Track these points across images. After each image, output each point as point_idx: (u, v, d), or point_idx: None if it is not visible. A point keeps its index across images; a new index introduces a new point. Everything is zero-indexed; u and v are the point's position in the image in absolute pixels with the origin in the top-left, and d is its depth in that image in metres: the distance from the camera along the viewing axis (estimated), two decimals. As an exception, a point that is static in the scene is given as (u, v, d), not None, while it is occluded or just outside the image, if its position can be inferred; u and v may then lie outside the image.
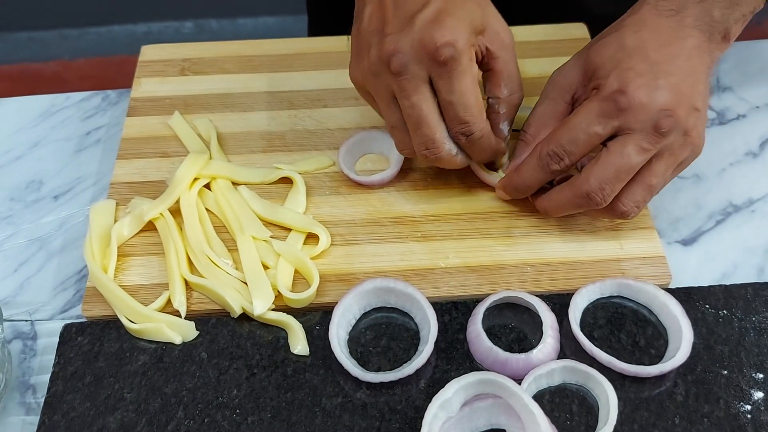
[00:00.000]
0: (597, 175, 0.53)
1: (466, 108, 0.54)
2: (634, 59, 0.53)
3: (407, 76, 0.53)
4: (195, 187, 0.61)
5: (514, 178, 0.58)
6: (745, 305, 0.55)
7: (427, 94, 0.54)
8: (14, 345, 0.57)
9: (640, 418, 0.50)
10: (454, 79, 0.53)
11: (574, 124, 0.54)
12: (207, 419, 0.51)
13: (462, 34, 0.52)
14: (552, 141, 0.55)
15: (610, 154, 0.53)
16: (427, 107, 0.54)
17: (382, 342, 0.54)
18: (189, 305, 0.56)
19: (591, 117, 0.53)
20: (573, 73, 0.57)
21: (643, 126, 0.52)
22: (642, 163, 0.53)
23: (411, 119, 0.54)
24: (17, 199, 0.65)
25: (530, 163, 0.57)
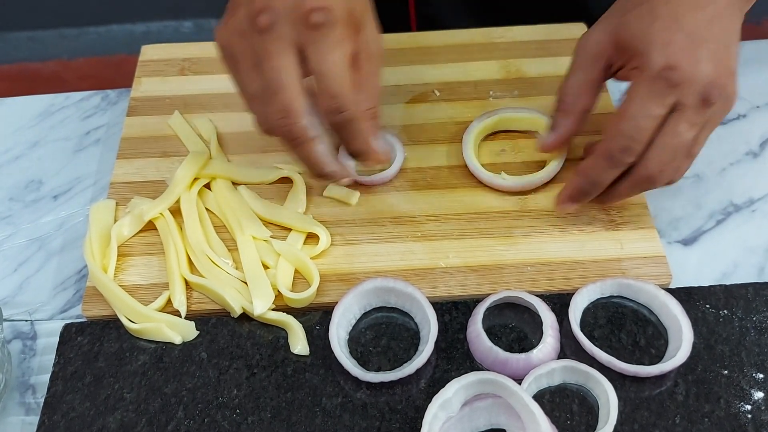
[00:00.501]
0: (655, 159, 0.53)
1: (336, 80, 0.50)
2: (671, 31, 0.52)
3: (274, 36, 0.49)
4: (195, 186, 0.61)
5: (583, 183, 0.56)
6: (746, 305, 0.55)
7: (292, 59, 0.49)
8: (14, 345, 0.57)
9: (640, 418, 0.50)
10: (325, 47, 0.49)
11: (634, 112, 0.52)
12: (207, 419, 0.51)
13: (340, 6, 0.49)
14: (618, 135, 0.53)
15: (665, 136, 0.52)
16: (288, 72, 0.49)
17: (382, 342, 0.54)
18: (189, 305, 0.56)
19: (647, 101, 0.52)
20: (604, 41, 0.56)
21: (694, 100, 0.51)
22: (694, 137, 0.53)
23: (271, 84, 0.50)
24: (17, 199, 0.65)
25: (599, 164, 0.54)
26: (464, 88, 0.69)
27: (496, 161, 0.64)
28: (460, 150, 0.64)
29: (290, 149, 0.53)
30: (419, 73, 0.71)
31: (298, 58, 0.50)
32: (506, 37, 0.73)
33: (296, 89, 0.50)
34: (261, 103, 0.51)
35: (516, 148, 0.65)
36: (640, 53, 0.53)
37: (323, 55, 0.49)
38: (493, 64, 0.71)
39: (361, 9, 0.52)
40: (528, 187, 0.61)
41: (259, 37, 0.49)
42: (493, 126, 0.65)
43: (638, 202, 0.61)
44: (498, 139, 0.66)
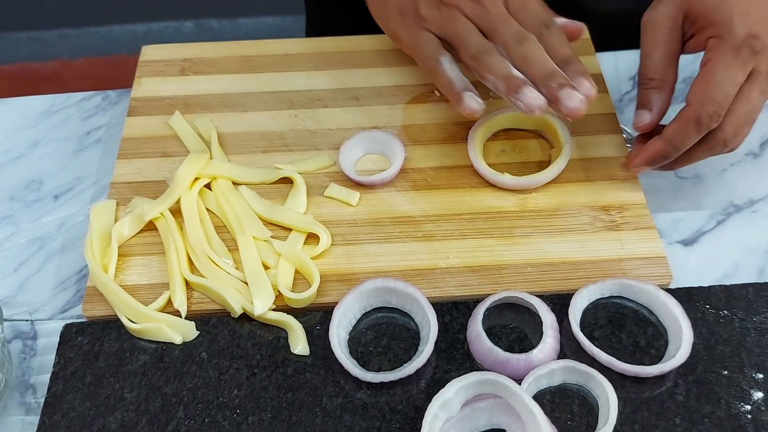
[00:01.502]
0: (732, 123, 0.56)
1: (537, 8, 0.58)
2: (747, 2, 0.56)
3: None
4: (195, 187, 0.61)
5: (667, 147, 0.57)
6: (746, 305, 0.55)
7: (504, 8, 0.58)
8: (14, 345, 0.57)
9: (640, 418, 0.50)
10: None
11: (721, 79, 0.55)
12: (207, 419, 0.51)
13: None
14: (708, 101, 0.55)
15: (740, 101, 0.55)
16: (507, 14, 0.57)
17: (382, 342, 0.54)
18: (189, 305, 0.56)
19: (732, 68, 0.55)
20: (675, 14, 0.58)
21: (766, 67, 0.55)
22: (764, 102, 0.56)
23: (494, 24, 0.57)
24: (17, 199, 0.65)
25: (687, 129, 0.56)
26: (465, 89, 0.69)
27: (497, 161, 0.64)
28: (461, 150, 0.64)
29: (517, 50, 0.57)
30: (420, 73, 0.71)
31: None
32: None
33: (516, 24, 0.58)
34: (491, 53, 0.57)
35: (516, 148, 0.65)
36: (719, 23, 0.56)
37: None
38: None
39: None
40: (532, 186, 0.61)
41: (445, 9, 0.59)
42: (500, 124, 0.65)
43: (638, 203, 0.61)
44: (499, 139, 0.66)
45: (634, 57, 0.73)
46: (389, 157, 0.64)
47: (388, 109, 0.68)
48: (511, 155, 0.65)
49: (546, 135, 0.65)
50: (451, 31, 0.58)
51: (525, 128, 0.66)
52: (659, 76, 0.59)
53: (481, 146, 0.64)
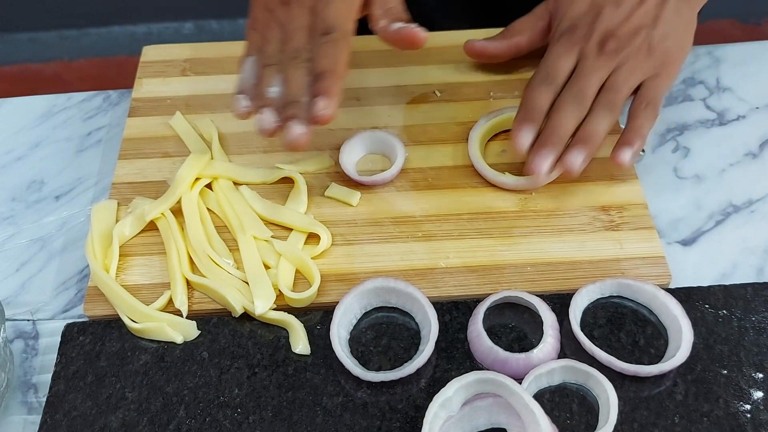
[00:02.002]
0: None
1: (334, 16, 0.55)
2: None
3: (298, 3, 0.56)
4: (196, 187, 0.62)
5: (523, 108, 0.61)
6: (745, 305, 0.55)
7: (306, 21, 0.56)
8: (16, 344, 0.57)
9: (640, 418, 0.51)
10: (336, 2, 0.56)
11: (549, 55, 0.62)
12: (208, 418, 0.51)
13: None
14: (540, 71, 0.61)
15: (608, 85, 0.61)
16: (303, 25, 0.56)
17: (382, 341, 0.54)
18: (190, 305, 0.56)
19: (559, 48, 0.62)
20: (551, 4, 0.66)
21: (592, 50, 0.62)
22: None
23: (287, 28, 0.56)
24: (19, 200, 0.65)
25: (535, 91, 0.60)
26: (465, 89, 0.70)
27: (497, 162, 0.64)
28: (462, 150, 0.64)
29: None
30: (420, 73, 0.71)
31: None
32: (506, 38, 0.73)
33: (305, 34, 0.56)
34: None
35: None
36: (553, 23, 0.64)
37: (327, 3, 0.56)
38: (493, 65, 0.71)
39: None
40: (532, 186, 0.62)
41: (283, 8, 0.57)
42: (501, 125, 0.66)
43: (638, 203, 0.61)
44: (499, 139, 0.66)
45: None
46: (390, 157, 0.65)
47: (388, 109, 0.68)
48: (512, 155, 0.65)
49: None
50: (262, 35, 0.58)
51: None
52: (511, 29, 0.68)
53: (482, 146, 0.64)
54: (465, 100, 0.69)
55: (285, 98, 0.55)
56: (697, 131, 0.67)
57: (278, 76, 0.56)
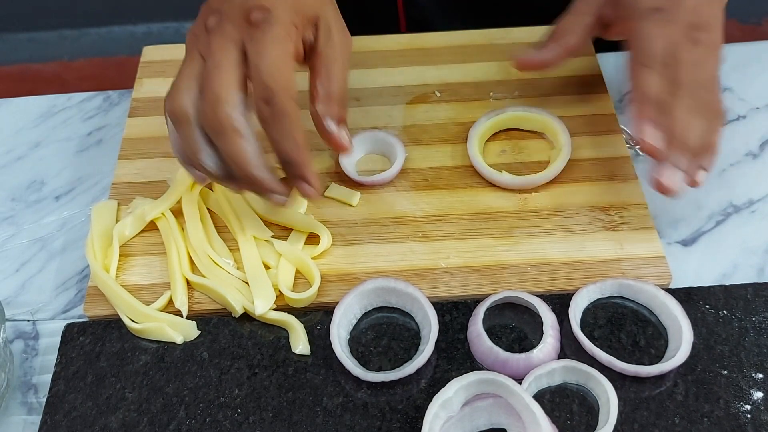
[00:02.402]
0: None
1: (269, 72, 0.50)
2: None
3: (219, 34, 0.51)
4: (196, 187, 0.62)
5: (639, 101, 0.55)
6: (745, 305, 0.55)
7: (234, 55, 0.51)
8: (16, 345, 0.57)
9: (640, 418, 0.51)
10: (264, 43, 0.50)
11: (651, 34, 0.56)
12: (208, 419, 0.51)
13: (282, 7, 0.51)
14: (654, 54, 0.55)
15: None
16: (226, 64, 0.50)
17: (383, 342, 0.54)
18: (190, 305, 0.56)
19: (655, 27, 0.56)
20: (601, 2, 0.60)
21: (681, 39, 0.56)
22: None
23: (207, 72, 0.51)
24: (19, 200, 0.65)
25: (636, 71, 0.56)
26: (465, 89, 0.70)
27: (497, 162, 0.64)
28: (461, 150, 0.64)
29: (217, 143, 0.51)
30: (420, 74, 0.71)
31: (241, 57, 0.51)
32: (506, 38, 0.74)
33: (230, 80, 0.50)
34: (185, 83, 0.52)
35: (516, 148, 0.65)
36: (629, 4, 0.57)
37: (260, 49, 0.50)
38: (493, 65, 0.71)
39: (315, 10, 0.54)
40: (531, 186, 0.62)
41: (206, 37, 0.52)
42: (502, 124, 0.66)
43: (638, 203, 0.61)
44: (499, 139, 0.66)
45: (634, 58, 0.74)
46: (389, 157, 0.65)
47: (388, 110, 0.68)
48: (512, 155, 0.65)
49: (546, 135, 0.66)
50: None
51: (525, 128, 0.66)
52: (561, 32, 0.61)
53: (481, 146, 0.64)
54: (465, 100, 0.69)
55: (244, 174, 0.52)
56: (698, 131, 0.67)
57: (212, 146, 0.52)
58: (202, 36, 0.52)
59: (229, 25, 0.51)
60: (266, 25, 0.51)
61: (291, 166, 0.53)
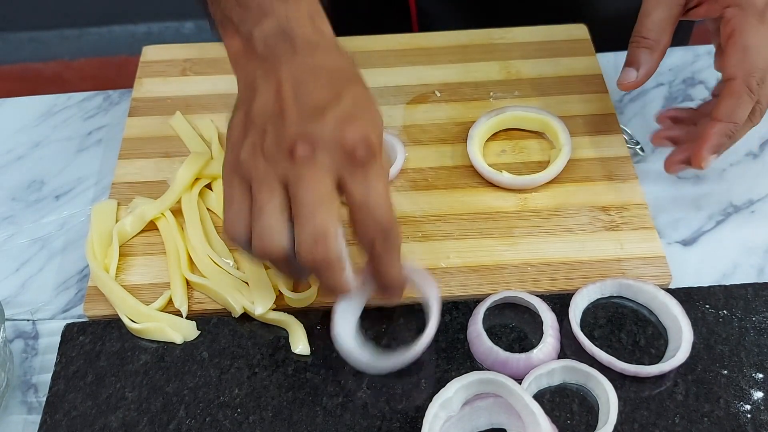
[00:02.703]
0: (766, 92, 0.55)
1: (383, 208, 0.47)
2: None
3: (313, 165, 0.46)
4: (196, 187, 0.62)
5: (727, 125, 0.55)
6: (745, 305, 0.55)
7: (331, 188, 0.47)
8: (16, 344, 0.57)
9: (640, 418, 0.51)
10: (370, 174, 0.47)
11: (756, 45, 0.54)
12: (208, 418, 0.51)
13: (376, 135, 0.48)
14: (753, 69, 0.54)
15: None
16: (328, 198, 0.47)
17: (382, 342, 0.54)
18: (190, 305, 0.56)
19: (763, 32, 0.54)
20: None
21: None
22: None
23: (306, 209, 0.46)
24: (19, 199, 0.65)
25: (741, 100, 0.55)
26: (465, 89, 0.70)
27: (497, 162, 0.64)
28: (461, 150, 0.64)
29: (320, 276, 0.49)
30: (420, 73, 0.71)
31: (335, 189, 0.48)
32: (506, 38, 0.74)
33: (333, 215, 0.47)
34: (276, 218, 0.47)
35: (516, 148, 0.65)
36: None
37: (365, 184, 0.47)
38: (493, 65, 0.71)
39: (381, 123, 0.51)
40: (531, 186, 0.62)
41: (291, 162, 0.47)
42: (502, 124, 0.66)
43: (638, 203, 0.61)
44: (499, 139, 0.66)
45: (634, 57, 0.73)
46: (389, 157, 0.65)
47: (388, 110, 0.68)
48: (512, 155, 0.65)
49: (546, 135, 0.66)
50: (252, 185, 0.48)
51: (525, 128, 0.66)
52: (653, 36, 0.58)
53: (482, 146, 0.64)
54: (465, 100, 0.69)
55: None
56: (698, 131, 0.67)
57: None
58: (280, 162, 0.47)
59: (327, 157, 0.47)
60: (372, 158, 0.47)
61: (394, 289, 0.51)
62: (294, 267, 0.49)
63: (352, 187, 0.47)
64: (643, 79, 0.59)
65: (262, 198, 0.47)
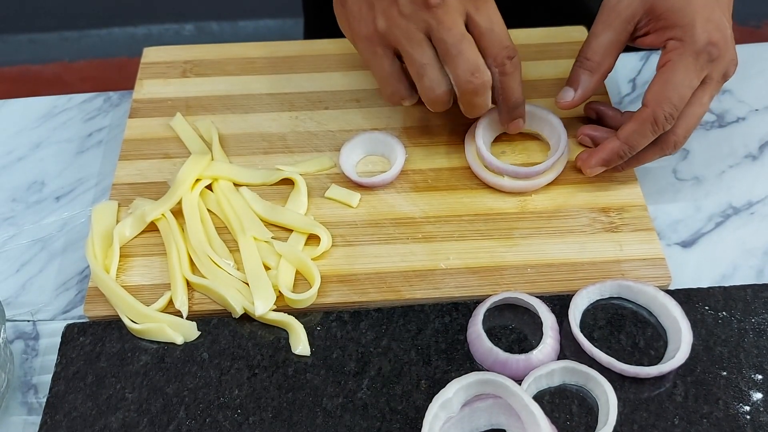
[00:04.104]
0: (684, 126, 0.57)
1: (504, 32, 0.57)
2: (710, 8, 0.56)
3: (446, 8, 0.55)
4: (197, 188, 0.62)
5: (622, 147, 0.58)
6: (744, 307, 0.56)
7: (463, 26, 0.56)
8: (16, 345, 0.57)
9: (639, 419, 0.51)
10: (491, 9, 0.57)
11: (679, 82, 0.56)
12: (208, 419, 0.51)
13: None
14: (666, 103, 0.56)
15: (693, 106, 0.57)
16: (467, 35, 0.56)
17: (382, 342, 0.55)
18: (190, 305, 0.56)
19: (691, 72, 0.56)
20: (636, 5, 0.59)
21: (718, 74, 0.57)
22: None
23: (454, 48, 0.56)
24: (19, 200, 0.65)
25: (644, 129, 0.57)
26: (465, 91, 0.69)
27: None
28: (462, 152, 0.64)
29: (471, 99, 0.58)
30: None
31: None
32: (507, 40, 0.74)
33: (475, 46, 0.56)
34: (435, 69, 0.57)
35: (516, 149, 0.65)
36: (682, 26, 0.56)
37: (490, 16, 0.57)
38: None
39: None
40: (530, 189, 0.62)
41: (429, 12, 0.55)
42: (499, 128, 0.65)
43: (638, 204, 0.61)
44: (499, 140, 0.66)
45: (634, 60, 0.74)
46: (390, 158, 0.65)
47: (388, 111, 0.68)
48: (512, 156, 0.65)
49: (544, 138, 0.66)
50: (402, 47, 0.57)
51: (524, 130, 0.66)
52: (597, 58, 0.60)
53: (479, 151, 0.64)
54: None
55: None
56: (697, 133, 0.67)
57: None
58: (419, 13, 0.55)
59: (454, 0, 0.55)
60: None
61: (516, 108, 0.61)
62: (449, 102, 0.59)
63: (478, 20, 0.56)
64: (578, 101, 0.62)
65: (418, 56, 0.57)
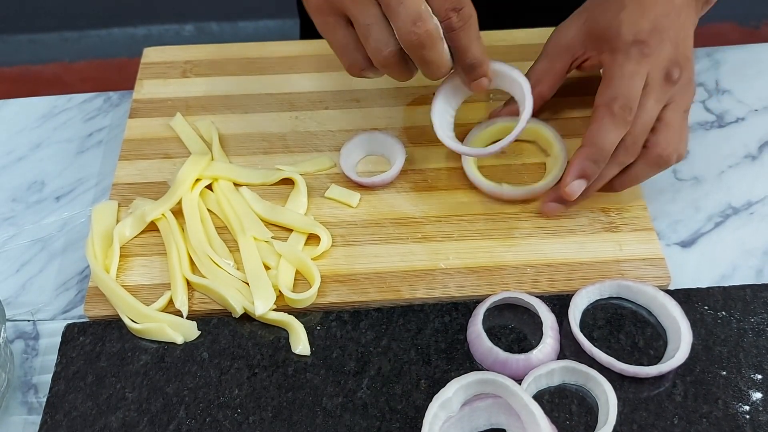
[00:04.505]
0: (664, 138, 0.57)
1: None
2: (637, 16, 0.57)
3: None
4: (197, 188, 0.62)
5: (591, 149, 0.56)
6: (744, 306, 0.56)
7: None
8: (16, 345, 0.57)
9: (639, 419, 0.51)
10: None
11: (619, 76, 0.56)
12: (208, 419, 0.51)
13: None
14: (613, 96, 0.55)
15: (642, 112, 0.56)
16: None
17: (382, 342, 0.55)
18: (191, 305, 0.56)
19: (626, 65, 0.56)
20: (574, 35, 0.60)
21: (659, 76, 0.56)
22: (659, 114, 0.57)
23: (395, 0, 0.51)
24: (19, 200, 0.65)
25: (601, 123, 0.56)
26: (465, 91, 0.70)
27: (496, 163, 0.64)
28: (461, 152, 0.64)
29: (421, 54, 0.54)
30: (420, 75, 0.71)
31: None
32: (506, 40, 0.74)
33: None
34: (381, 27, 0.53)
35: (516, 150, 0.65)
36: (611, 37, 0.57)
37: None
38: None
39: None
40: (530, 196, 0.62)
41: None
42: (493, 136, 0.65)
43: (637, 204, 0.61)
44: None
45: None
46: (389, 158, 0.65)
47: (388, 111, 0.68)
48: (511, 157, 0.65)
49: (540, 143, 0.65)
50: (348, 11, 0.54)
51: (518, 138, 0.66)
52: (532, 82, 0.60)
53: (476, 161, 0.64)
54: (465, 101, 0.69)
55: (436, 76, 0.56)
56: (697, 133, 0.67)
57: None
58: None
59: None
60: None
61: (476, 68, 0.57)
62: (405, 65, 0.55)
63: None
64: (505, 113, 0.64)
65: (362, 17, 0.53)
